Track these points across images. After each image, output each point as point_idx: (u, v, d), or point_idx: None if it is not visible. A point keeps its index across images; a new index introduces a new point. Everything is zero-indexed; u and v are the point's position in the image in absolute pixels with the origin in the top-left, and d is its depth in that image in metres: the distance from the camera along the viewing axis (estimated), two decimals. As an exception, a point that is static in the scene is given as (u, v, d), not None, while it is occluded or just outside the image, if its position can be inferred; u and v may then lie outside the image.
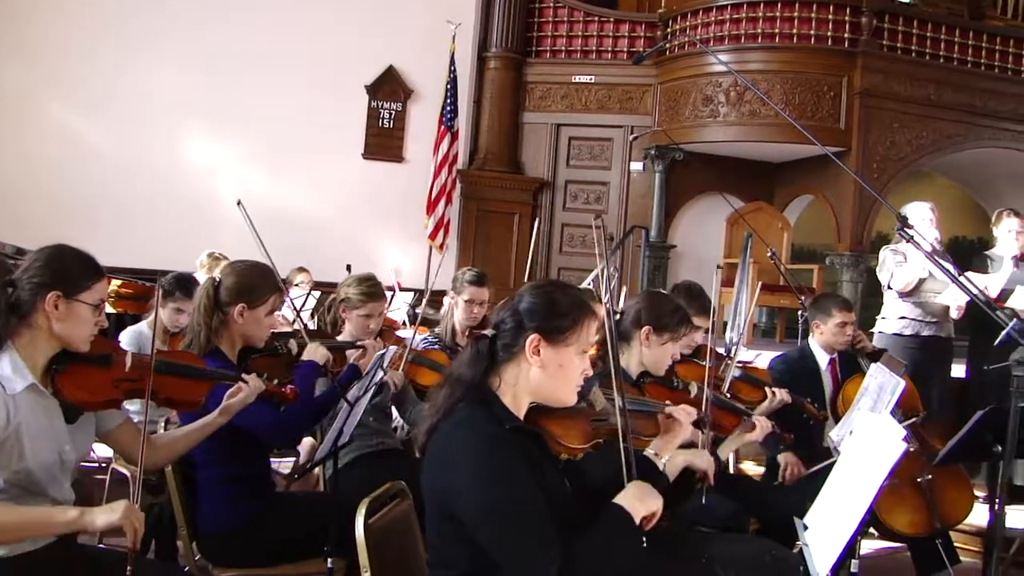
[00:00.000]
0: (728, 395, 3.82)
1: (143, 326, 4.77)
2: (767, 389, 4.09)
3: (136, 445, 2.54)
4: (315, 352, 3.42)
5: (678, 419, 2.70)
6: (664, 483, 2.51)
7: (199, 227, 9.28)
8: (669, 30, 10.17)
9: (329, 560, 3.03)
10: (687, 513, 3.55)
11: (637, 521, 2.10)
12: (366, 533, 2.39)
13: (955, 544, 4.75)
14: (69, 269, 2.45)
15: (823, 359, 4.79)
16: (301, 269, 7.56)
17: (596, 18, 10.74)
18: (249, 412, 2.87)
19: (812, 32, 9.21)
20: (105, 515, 2.28)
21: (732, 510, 3.74)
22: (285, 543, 3.15)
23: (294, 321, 5.78)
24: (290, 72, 9.93)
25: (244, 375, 2.86)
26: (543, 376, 2.19)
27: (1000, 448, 3.29)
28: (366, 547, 2.38)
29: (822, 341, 4.78)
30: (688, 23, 9.90)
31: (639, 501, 2.14)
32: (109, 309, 6.08)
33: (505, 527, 1.97)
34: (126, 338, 4.61)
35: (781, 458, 4.35)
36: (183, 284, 4.63)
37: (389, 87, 10.51)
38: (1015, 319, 4.86)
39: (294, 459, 5.20)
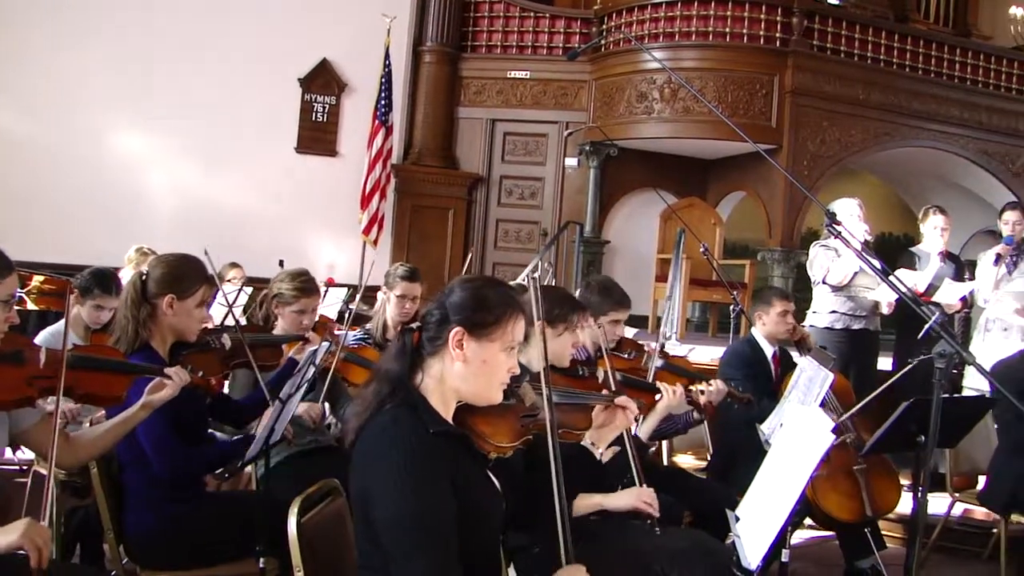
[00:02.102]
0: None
1: (61, 325, 4.60)
2: (701, 383, 4.12)
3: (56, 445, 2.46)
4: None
5: (626, 409, 2.74)
6: (600, 472, 2.54)
7: (128, 222, 9.12)
8: (604, 27, 10.21)
9: (261, 560, 2.97)
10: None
11: None
12: (299, 532, 2.36)
13: (882, 531, 4.89)
14: None
15: (768, 350, 4.89)
16: (233, 265, 7.45)
17: (532, 14, 10.74)
18: (152, 438, 2.80)
19: (745, 31, 9.33)
20: (2, 537, 2.15)
21: (666, 503, 3.77)
22: (215, 544, 3.08)
23: (225, 317, 5.69)
24: (221, 64, 9.76)
25: (168, 368, 2.80)
26: (466, 371, 2.14)
27: (923, 438, 3.36)
28: (299, 546, 2.35)
29: (765, 332, 4.89)
30: (623, 20, 9.95)
31: None
32: (31, 306, 5.93)
33: (407, 539, 1.96)
34: (43, 338, 4.42)
35: None
36: (100, 280, 4.42)
37: (323, 80, 10.39)
38: (938, 313, 4.99)
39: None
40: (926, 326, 2.55)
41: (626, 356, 4.07)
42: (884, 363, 6.29)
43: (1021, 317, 5.92)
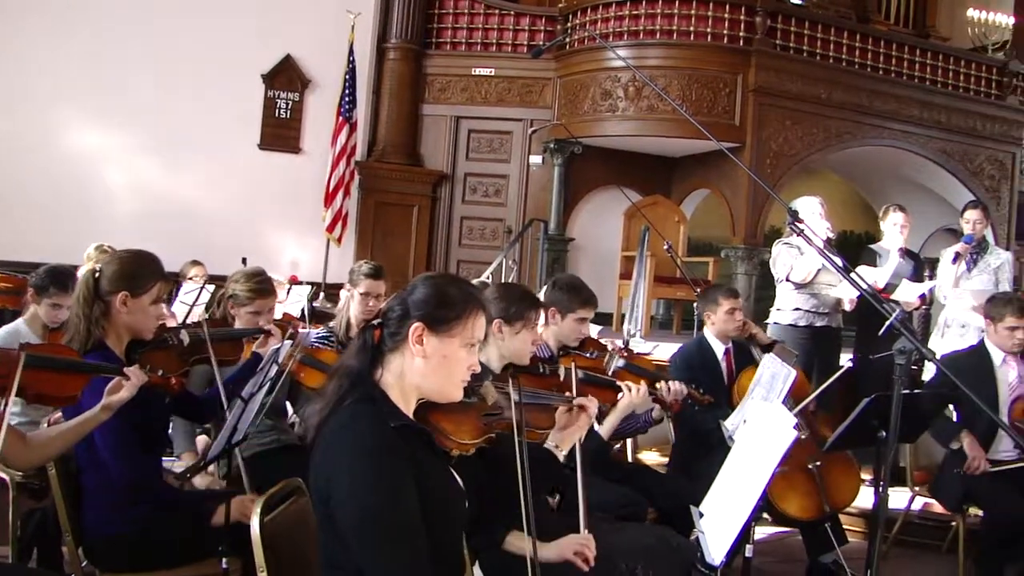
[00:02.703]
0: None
1: (19, 323, 4.52)
2: (661, 384, 4.12)
3: (7, 446, 2.41)
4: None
5: (587, 409, 2.77)
6: (562, 471, 2.55)
7: (88, 219, 9.01)
8: (569, 24, 10.22)
9: (224, 560, 2.94)
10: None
11: None
12: (262, 532, 2.34)
13: (843, 526, 4.95)
14: None
15: (719, 349, 4.92)
16: (195, 262, 7.38)
17: (496, 11, 10.73)
18: (109, 443, 2.77)
19: (709, 30, 9.38)
20: None
21: (631, 499, 3.79)
22: (176, 545, 3.04)
23: (187, 316, 5.64)
24: (183, 59, 9.64)
25: (126, 368, 2.76)
26: (426, 367, 2.15)
27: (884, 434, 3.39)
28: (262, 546, 2.33)
29: (715, 331, 4.92)
30: (588, 18, 9.97)
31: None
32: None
33: (374, 534, 1.96)
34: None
35: None
36: (56, 278, 4.34)
37: (286, 76, 10.32)
38: (899, 310, 5.05)
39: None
40: (887, 323, 2.57)
41: (589, 355, 4.08)
42: (846, 359, 6.35)
43: (979, 315, 6.00)
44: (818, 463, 4.30)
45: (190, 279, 6.94)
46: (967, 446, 4.54)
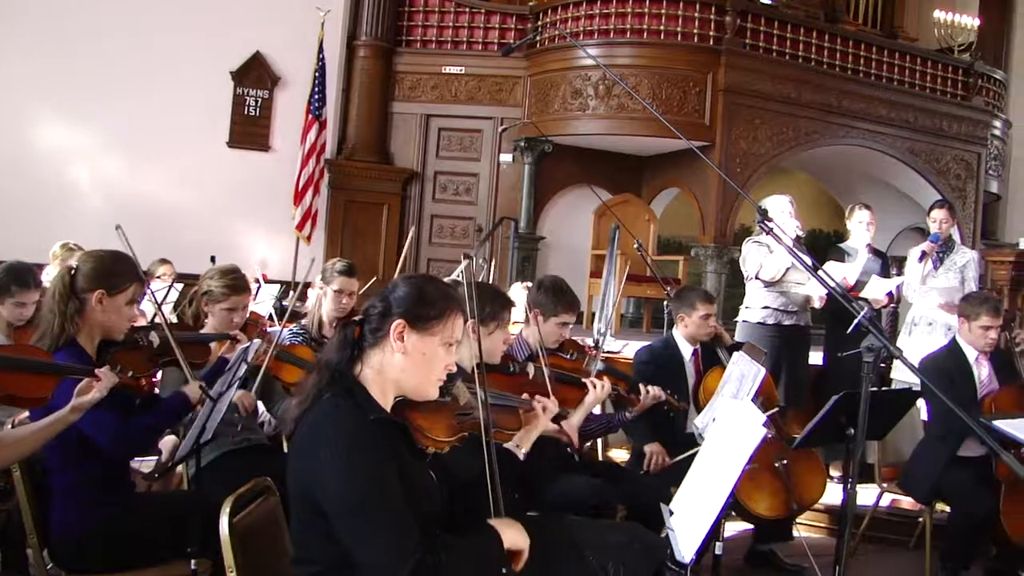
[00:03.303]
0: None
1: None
2: (641, 387, 4.19)
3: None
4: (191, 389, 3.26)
5: (538, 412, 2.84)
6: (519, 470, 2.60)
7: (53, 217, 8.91)
8: (540, 23, 10.22)
9: (193, 561, 2.92)
10: (555, 499, 3.60)
11: (507, 547, 2.20)
12: (231, 532, 2.34)
13: (811, 523, 5.05)
14: None
15: (687, 350, 4.92)
16: (163, 261, 7.32)
17: (467, 9, 10.72)
18: (91, 419, 2.74)
19: (679, 29, 9.43)
20: None
21: (600, 496, 3.80)
22: (145, 546, 3.03)
23: (155, 315, 5.57)
24: (151, 56, 9.55)
25: (97, 369, 2.73)
26: (406, 363, 2.21)
27: (853, 431, 3.42)
28: (231, 546, 2.33)
29: (687, 333, 4.91)
30: (558, 16, 9.98)
31: (510, 529, 2.24)
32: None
33: (365, 521, 1.98)
34: None
35: (647, 448, 4.45)
36: (17, 276, 4.22)
37: (255, 74, 10.25)
38: (867, 308, 5.10)
39: (156, 458, 5.01)
40: (855, 321, 2.60)
41: (568, 357, 4.10)
42: (815, 357, 6.40)
43: (945, 312, 6.08)
44: (784, 461, 4.36)
45: (158, 277, 6.89)
46: None
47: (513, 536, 2.24)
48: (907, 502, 5.39)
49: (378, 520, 1.98)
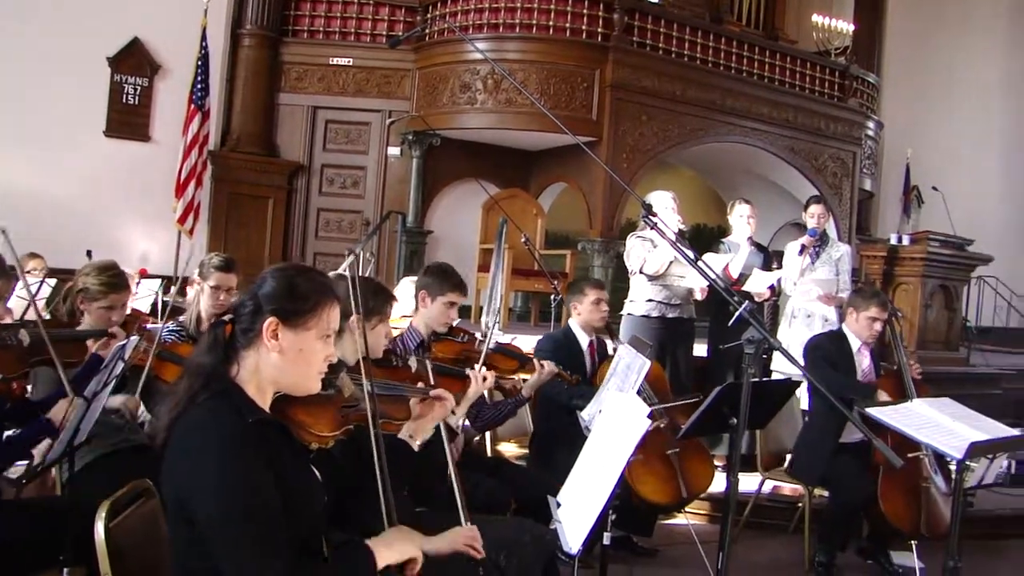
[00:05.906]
0: (486, 367, 3.86)
1: None
2: (536, 361, 4.30)
3: None
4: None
5: (443, 399, 2.81)
6: (415, 462, 2.56)
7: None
8: (428, 16, 10.18)
9: (66, 570, 2.80)
10: (444, 498, 3.58)
11: (381, 566, 2.11)
12: (107, 537, 2.23)
13: (696, 511, 5.17)
14: None
15: (584, 340, 5.00)
16: (33, 255, 7.00)
17: (355, 0, 10.59)
18: None
19: (567, 25, 9.52)
20: None
21: (495, 494, 3.81)
22: (13, 554, 2.87)
23: (25, 311, 5.34)
24: (21, 39, 9.16)
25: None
26: (283, 362, 2.10)
27: (735, 420, 3.50)
28: (107, 553, 2.22)
29: (581, 321, 5.01)
30: (448, 10, 9.95)
31: (389, 548, 2.15)
32: None
33: (233, 536, 1.89)
34: None
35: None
36: None
37: (134, 61, 9.92)
38: (747, 301, 5.23)
39: (26, 462, 4.80)
40: (736, 313, 2.65)
41: (459, 340, 4.13)
42: (700, 349, 6.54)
43: (823, 303, 6.30)
44: (676, 450, 4.46)
45: (29, 272, 6.59)
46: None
47: (398, 552, 2.16)
48: (787, 488, 5.57)
49: (246, 535, 1.89)
